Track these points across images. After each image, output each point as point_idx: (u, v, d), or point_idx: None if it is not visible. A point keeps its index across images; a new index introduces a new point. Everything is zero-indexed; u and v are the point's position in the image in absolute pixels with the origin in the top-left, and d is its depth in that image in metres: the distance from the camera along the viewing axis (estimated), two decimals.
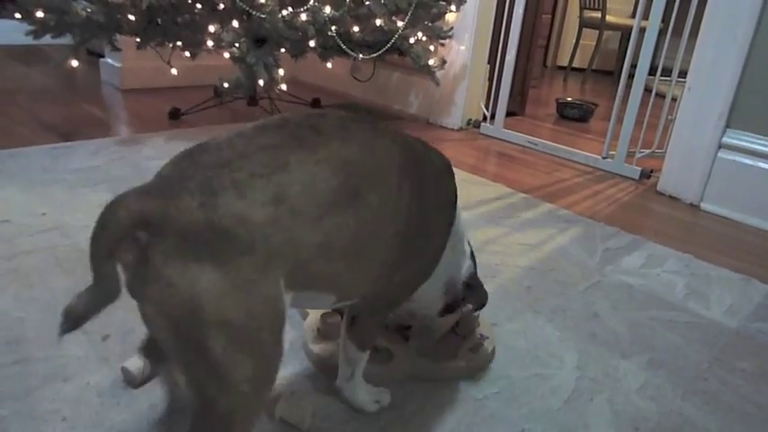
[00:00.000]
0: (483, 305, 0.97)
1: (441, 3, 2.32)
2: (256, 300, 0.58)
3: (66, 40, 2.01)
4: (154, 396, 0.87)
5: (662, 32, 2.15)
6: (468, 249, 0.95)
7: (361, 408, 0.88)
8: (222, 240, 0.55)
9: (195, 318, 0.55)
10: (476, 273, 0.97)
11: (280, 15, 1.97)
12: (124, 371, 0.89)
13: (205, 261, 0.55)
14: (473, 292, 0.94)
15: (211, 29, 2.03)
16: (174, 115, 2.38)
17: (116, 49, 2.14)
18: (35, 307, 1.06)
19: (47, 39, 1.97)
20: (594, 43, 4.71)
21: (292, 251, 0.60)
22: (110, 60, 2.89)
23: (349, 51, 2.20)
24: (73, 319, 0.61)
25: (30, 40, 1.97)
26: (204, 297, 0.55)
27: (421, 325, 1.01)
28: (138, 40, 2.10)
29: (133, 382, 0.88)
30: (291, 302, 0.65)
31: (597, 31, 4.62)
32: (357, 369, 0.87)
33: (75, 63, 2.05)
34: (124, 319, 1.05)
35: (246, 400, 0.60)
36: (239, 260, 0.56)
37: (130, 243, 0.56)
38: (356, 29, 2.20)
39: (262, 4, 1.94)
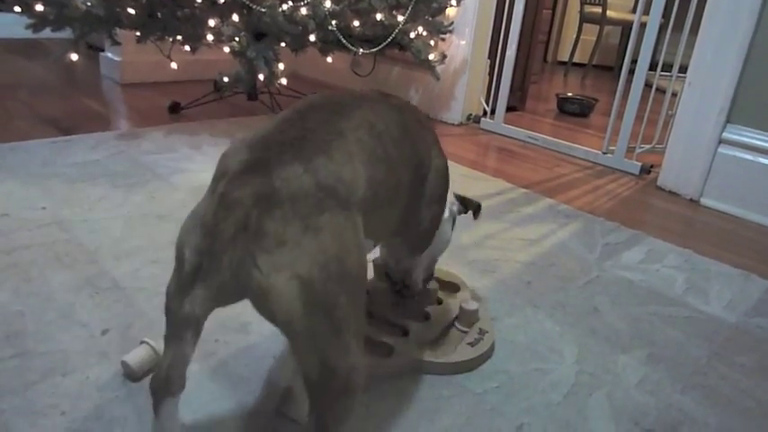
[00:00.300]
0: (479, 207, 1.08)
1: None
2: (362, 249, 0.65)
3: (66, 33, 2.00)
4: None
5: (662, 28, 2.15)
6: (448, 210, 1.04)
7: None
8: (333, 198, 0.62)
9: (323, 274, 0.58)
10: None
11: (280, 9, 1.97)
12: (124, 365, 0.89)
13: (320, 217, 0.60)
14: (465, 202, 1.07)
15: (211, 23, 2.03)
16: (174, 109, 2.38)
17: (116, 43, 2.13)
18: (34, 301, 1.06)
19: (46, 32, 1.96)
20: (595, 38, 4.69)
21: (364, 203, 0.68)
22: (109, 54, 2.88)
23: (349, 46, 2.20)
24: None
25: (29, 34, 1.96)
26: (329, 252, 0.59)
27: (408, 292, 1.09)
28: (138, 34, 2.10)
29: (133, 375, 0.88)
30: None
31: (598, 27, 4.61)
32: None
33: (74, 57, 2.05)
34: (123, 313, 1.05)
35: (357, 355, 0.64)
36: (346, 213, 0.63)
37: (244, 225, 0.58)
38: (356, 23, 2.20)
39: None
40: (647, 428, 0.90)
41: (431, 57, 2.39)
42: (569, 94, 3.31)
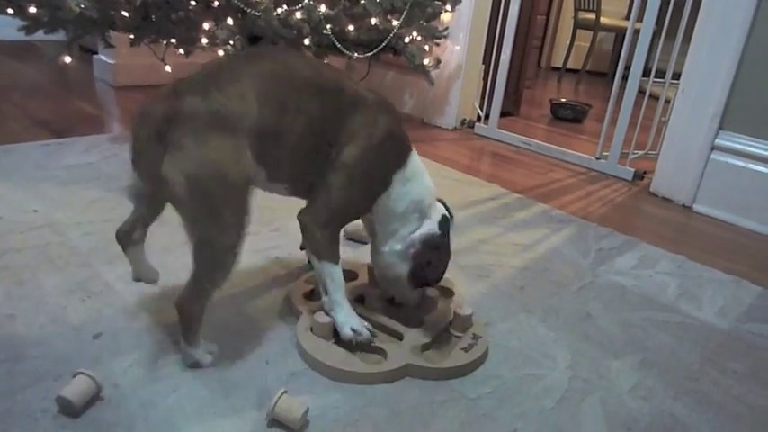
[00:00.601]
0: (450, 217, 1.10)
1: (436, 2, 2.32)
2: (241, 160, 0.86)
3: (59, 36, 1.99)
4: (145, 395, 0.87)
5: (656, 35, 2.16)
6: (434, 214, 1.06)
7: (339, 329, 1.00)
8: (220, 122, 0.84)
9: (203, 172, 0.83)
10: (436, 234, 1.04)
11: (274, 13, 1.96)
12: (61, 399, 0.81)
13: (208, 135, 0.83)
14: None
15: (206, 26, 2.02)
16: None
17: (109, 45, 2.12)
18: (26, 304, 1.05)
19: (39, 34, 1.95)
20: (589, 44, 4.72)
21: (253, 130, 0.87)
22: (103, 57, 2.87)
23: (344, 50, 2.20)
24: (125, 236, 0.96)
25: (22, 36, 1.95)
26: (209, 157, 0.83)
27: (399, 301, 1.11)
28: (132, 36, 2.09)
29: (72, 409, 0.81)
30: (262, 184, 0.96)
31: (591, 33, 4.64)
32: (328, 284, 1.01)
33: (67, 59, 2.04)
34: (116, 317, 1.04)
35: (233, 238, 0.88)
36: (229, 135, 0.85)
37: (156, 134, 0.83)
38: (351, 27, 2.20)
39: (257, 1, 1.93)
40: None
41: (425, 62, 2.39)
42: (563, 100, 3.32)
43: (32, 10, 1.87)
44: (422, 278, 1.03)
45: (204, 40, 2.02)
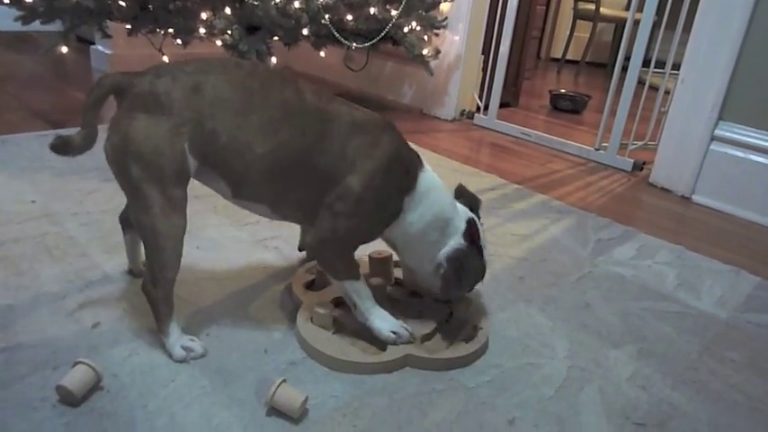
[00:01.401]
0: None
1: None
2: (167, 146, 0.86)
3: (56, 26, 1.98)
4: (144, 384, 0.87)
5: (656, 25, 2.15)
6: (459, 224, 1.02)
7: (378, 335, 0.98)
8: (155, 103, 0.86)
9: (123, 148, 0.86)
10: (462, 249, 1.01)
11: (273, 2, 1.95)
12: (60, 389, 0.81)
13: (141, 113, 0.86)
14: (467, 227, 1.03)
15: (203, 16, 2.01)
16: None
17: (106, 35, 2.11)
18: (24, 294, 1.05)
19: (36, 25, 1.94)
20: (588, 35, 4.70)
21: (196, 124, 0.87)
22: (100, 47, 2.86)
23: (342, 40, 2.19)
24: (61, 145, 0.90)
25: (19, 26, 1.94)
26: (132, 134, 0.85)
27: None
28: (129, 26, 2.08)
29: (72, 399, 0.81)
30: (203, 177, 0.94)
31: (591, 24, 4.62)
32: (354, 298, 0.98)
33: (64, 49, 2.03)
34: (114, 306, 1.04)
35: (159, 222, 0.88)
36: (161, 116, 0.86)
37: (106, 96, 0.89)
38: (350, 17, 2.19)
39: None
40: (638, 422, 0.90)
41: (424, 52, 2.39)
42: (562, 91, 3.31)
43: (29, 0, 1.85)
44: (456, 293, 1.04)
45: (202, 30, 2.02)
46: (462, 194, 1.12)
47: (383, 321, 0.99)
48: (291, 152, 0.91)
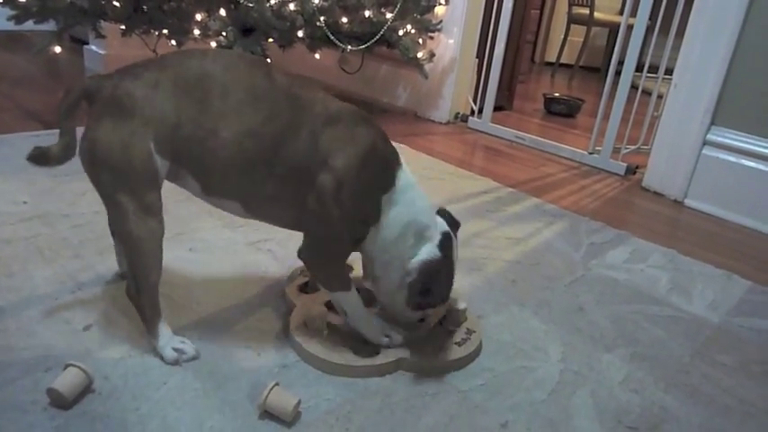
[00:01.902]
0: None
1: None
2: (133, 149, 0.84)
3: (50, 26, 1.98)
4: (136, 387, 0.86)
5: (649, 30, 2.16)
6: (434, 234, 0.95)
7: (371, 340, 0.98)
8: (117, 106, 0.84)
9: (92, 157, 0.85)
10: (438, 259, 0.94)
11: (268, 4, 1.95)
12: (51, 392, 0.81)
13: (106, 118, 0.85)
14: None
15: (198, 17, 2.01)
16: None
17: (100, 35, 2.11)
18: (16, 296, 1.04)
19: (29, 24, 1.94)
20: (582, 39, 4.72)
21: (159, 121, 0.85)
22: (94, 47, 2.85)
23: (337, 42, 2.19)
24: (39, 156, 0.90)
25: (12, 26, 1.94)
26: (98, 141, 0.84)
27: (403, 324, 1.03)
28: (123, 27, 2.07)
29: (63, 402, 0.81)
30: (174, 176, 0.91)
31: (585, 28, 4.64)
32: (346, 309, 0.98)
33: (58, 49, 2.02)
34: (105, 309, 1.04)
35: (136, 226, 0.87)
36: (124, 120, 0.84)
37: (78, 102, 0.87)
38: (345, 20, 2.19)
39: None
40: (631, 426, 0.90)
41: (419, 55, 2.39)
42: (556, 95, 3.32)
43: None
44: (421, 305, 0.96)
45: (196, 32, 2.01)
46: (443, 215, 1.04)
47: (375, 328, 0.98)
48: (259, 139, 0.87)
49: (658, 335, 1.16)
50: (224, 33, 1.96)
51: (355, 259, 1.03)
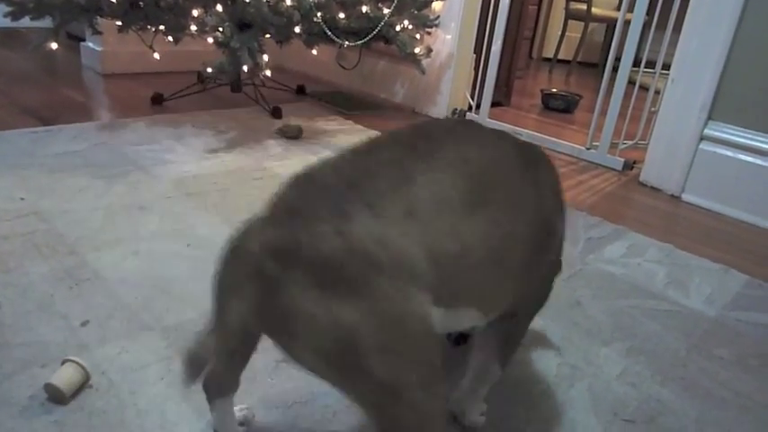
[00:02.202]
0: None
1: None
2: (405, 321, 0.55)
3: (46, 22, 1.97)
4: (134, 382, 0.86)
5: (646, 25, 2.16)
6: None
7: (472, 424, 0.85)
8: (364, 267, 0.53)
9: (348, 350, 0.54)
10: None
11: (265, 0, 1.95)
12: (49, 387, 0.81)
13: (347, 291, 0.52)
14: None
15: (195, 13, 2.01)
16: (157, 100, 2.35)
17: (97, 32, 2.10)
18: (12, 292, 1.04)
19: (25, 21, 1.93)
20: (580, 35, 4.72)
21: (433, 265, 0.57)
22: (90, 44, 2.84)
23: (334, 38, 2.19)
24: (197, 366, 0.66)
25: (8, 23, 1.93)
26: (354, 330, 0.53)
27: None
28: (120, 23, 2.07)
29: (61, 397, 0.81)
30: (444, 320, 0.62)
31: (583, 23, 4.63)
32: (487, 387, 0.84)
33: (54, 46, 2.02)
34: (103, 305, 1.04)
35: (427, 406, 0.59)
36: (384, 285, 0.53)
37: (257, 276, 0.55)
38: (342, 15, 2.19)
39: None
40: (627, 419, 0.91)
41: (416, 50, 2.39)
42: (554, 90, 3.32)
43: None
44: None
45: (193, 27, 2.01)
46: None
47: (478, 410, 0.88)
48: (513, 224, 0.67)
49: (655, 329, 1.17)
50: (221, 29, 1.96)
51: None
